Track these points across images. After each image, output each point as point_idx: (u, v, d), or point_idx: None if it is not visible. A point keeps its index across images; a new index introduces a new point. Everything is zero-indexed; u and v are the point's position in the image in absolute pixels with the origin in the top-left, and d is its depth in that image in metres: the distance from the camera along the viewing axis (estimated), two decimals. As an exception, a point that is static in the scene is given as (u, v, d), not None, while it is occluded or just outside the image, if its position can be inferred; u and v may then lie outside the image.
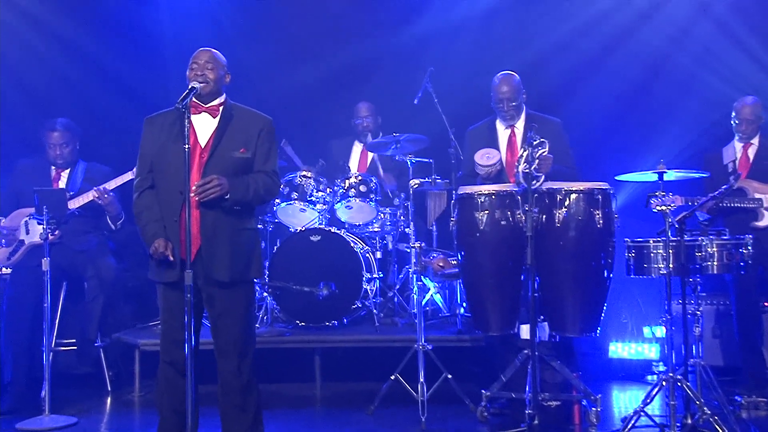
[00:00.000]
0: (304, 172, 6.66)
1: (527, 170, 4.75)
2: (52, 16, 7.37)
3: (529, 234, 4.71)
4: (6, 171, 6.53)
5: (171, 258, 4.26)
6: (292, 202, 6.63)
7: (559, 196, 4.97)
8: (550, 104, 6.71)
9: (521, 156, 4.80)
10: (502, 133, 5.91)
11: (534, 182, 4.78)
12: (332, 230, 6.49)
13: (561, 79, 7.42)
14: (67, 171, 6.33)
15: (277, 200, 6.62)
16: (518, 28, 7.57)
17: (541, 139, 4.78)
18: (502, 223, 5.03)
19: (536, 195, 4.86)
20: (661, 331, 6.41)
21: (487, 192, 5.10)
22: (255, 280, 4.53)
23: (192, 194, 4.18)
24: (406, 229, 6.57)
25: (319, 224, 6.64)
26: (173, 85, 6.66)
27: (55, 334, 6.13)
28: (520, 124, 5.86)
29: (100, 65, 7.48)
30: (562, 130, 5.85)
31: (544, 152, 4.80)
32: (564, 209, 4.96)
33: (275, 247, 6.53)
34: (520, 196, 4.99)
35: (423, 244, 5.72)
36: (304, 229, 6.53)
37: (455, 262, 5.75)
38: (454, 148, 6.78)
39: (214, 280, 4.31)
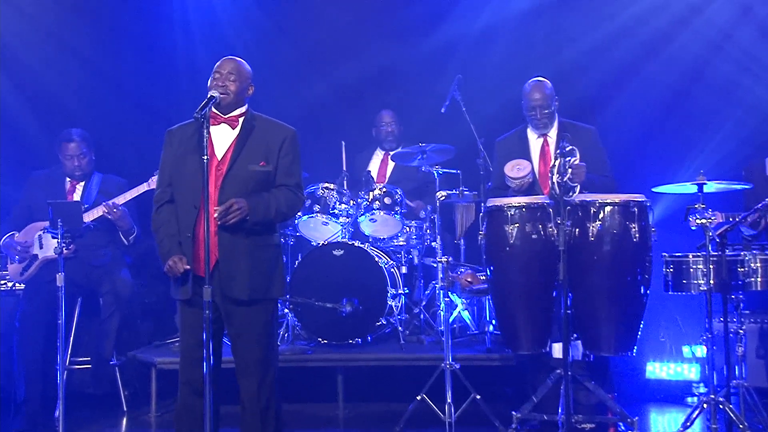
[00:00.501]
0: (326, 184, 6.68)
1: (560, 181, 4.73)
2: (67, 29, 7.46)
3: (561, 248, 4.69)
4: (19, 183, 6.60)
5: (182, 270, 4.26)
6: (314, 215, 6.64)
7: (592, 209, 4.95)
8: (585, 112, 6.70)
9: (553, 166, 4.79)
10: (534, 142, 5.89)
11: (569, 193, 4.76)
12: (356, 244, 6.49)
13: (595, 86, 7.40)
14: (82, 183, 6.39)
15: (298, 213, 6.64)
16: (550, 33, 7.57)
17: (571, 147, 4.76)
18: (533, 236, 5.01)
19: (569, 207, 4.85)
20: (701, 351, 6.35)
21: (517, 204, 5.09)
22: (277, 298, 4.52)
23: (215, 216, 4.19)
24: (433, 243, 6.58)
25: (342, 238, 6.64)
26: (188, 97, 6.74)
27: (69, 352, 6.18)
28: (552, 133, 5.85)
29: (113, 77, 7.57)
30: (597, 138, 5.83)
31: (575, 160, 4.78)
32: (598, 222, 4.93)
33: (296, 262, 6.54)
34: (552, 209, 4.98)
35: (450, 259, 5.69)
36: (326, 242, 6.55)
37: (484, 277, 5.73)
38: (483, 158, 6.77)
39: (231, 298, 4.32)
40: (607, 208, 4.95)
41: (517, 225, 5.04)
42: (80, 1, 7.49)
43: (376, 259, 6.44)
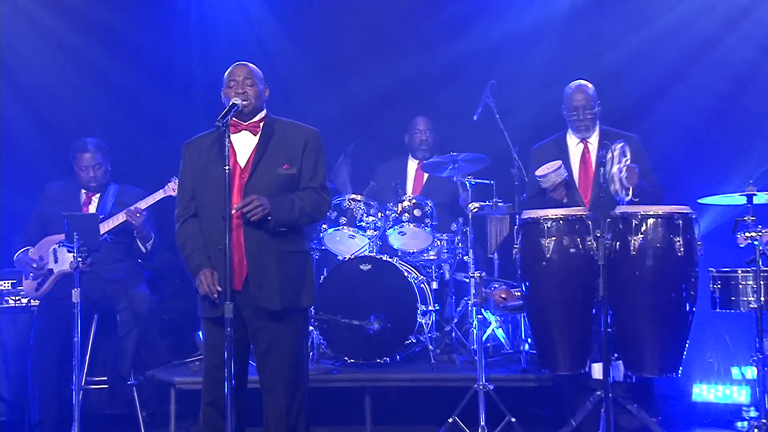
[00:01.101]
0: (353, 195, 6.70)
1: (617, 187, 4.75)
2: (79, 40, 7.55)
3: (601, 263, 4.70)
4: (34, 196, 6.67)
5: (217, 291, 4.25)
6: (340, 228, 6.66)
7: (634, 221, 4.91)
8: (627, 119, 6.67)
9: (611, 173, 4.79)
10: (574, 148, 5.90)
11: (626, 195, 4.74)
12: (384, 258, 6.50)
13: (638, 92, 7.37)
14: (98, 195, 6.43)
15: (323, 225, 6.67)
16: (589, 37, 7.54)
17: (622, 143, 4.76)
18: (571, 250, 4.99)
19: (609, 220, 4.85)
20: (751, 372, 6.25)
21: (554, 216, 5.07)
22: (307, 308, 4.54)
23: (234, 214, 4.21)
24: (465, 257, 6.57)
25: (370, 252, 6.66)
26: (204, 104, 6.80)
27: (85, 371, 6.19)
28: (594, 139, 5.85)
29: (126, 88, 7.66)
30: (641, 146, 5.81)
31: (627, 160, 4.79)
32: (640, 235, 4.89)
33: (322, 277, 6.54)
34: (591, 221, 4.97)
35: (483, 274, 5.70)
36: (353, 257, 6.56)
37: (519, 293, 5.69)
38: (518, 168, 6.76)
39: (263, 310, 4.33)
40: (650, 221, 4.91)
41: (554, 238, 5.02)
42: (93, 13, 7.58)
43: (406, 274, 6.44)
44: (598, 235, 4.79)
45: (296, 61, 7.89)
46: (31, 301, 6.39)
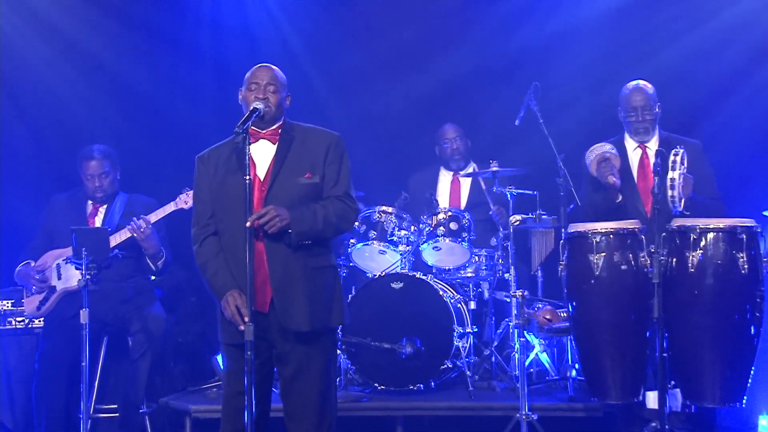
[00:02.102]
0: (383, 208, 6.70)
1: (674, 195, 4.75)
2: (85, 44, 7.64)
3: (655, 281, 4.68)
4: (39, 208, 6.73)
5: (245, 316, 4.19)
6: (369, 243, 6.66)
7: (692, 235, 4.89)
8: (684, 124, 6.64)
9: (667, 182, 4.78)
10: (632, 153, 5.91)
11: (679, 206, 4.79)
12: (417, 276, 6.48)
13: (698, 95, 7.32)
14: (105, 206, 6.47)
15: (351, 240, 6.67)
16: (643, 35, 7.49)
17: (681, 149, 4.75)
18: (623, 267, 4.99)
19: (664, 234, 4.82)
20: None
21: (603, 230, 5.06)
22: (337, 328, 4.56)
23: (249, 224, 4.20)
24: (506, 275, 6.56)
25: (402, 268, 6.65)
26: (216, 114, 6.84)
27: (94, 398, 6.23)
28: (653, 143, 5.85)
29: (137, 93, 7.75)
30: (702, 154, 5.80)
31: (684, 169, 4.79)
32: (699, 251, 4.87)
33: (350, 296, 6.53)
34: (645, 236, 4.95)
35: (526, 293, 5.69)
36: (383, 274, 6.55)
37: (565, 314, 5.70)
38: (563, 177, 6.69)
39: (290, 332, 4.34)
40: (710, 235, 4.89)
41: (604, 254, 5.02)
42: (102, 16, 7.66)
43: (441, 292, 6.43)
44: (653, 250, 4.76)
45: (320, 65, 7.93)
46: (34, 321, 6.42)
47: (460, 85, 7.94)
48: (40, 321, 6.39)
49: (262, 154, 4.45)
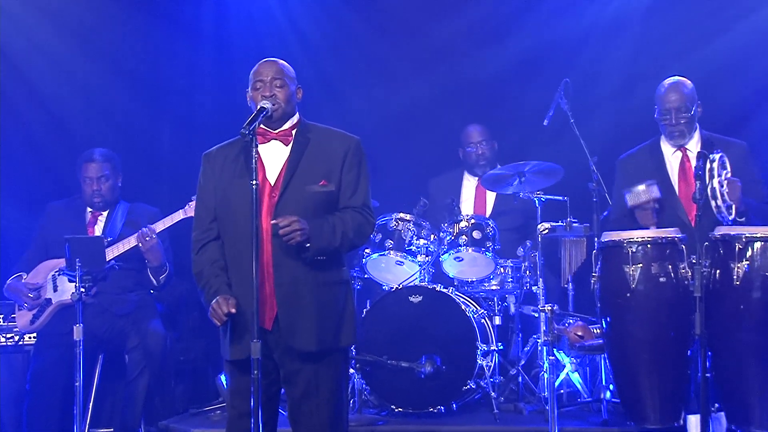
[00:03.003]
0: (401, 215, 6.69)
1: (719, 203, 4.73)
2: (87, 43, 7.69)
3: (697, 295, 4.65)
4: (35, 216, 6.75)
5: (230, 312, 4.21)
6: (386, 253, 6.66)
7: (738, 245, 4.88)
8: (729, 124, 6.61)
9: (710, 188, 4.78)
10: (671, 157, 5.88)
11: (729, 214, 4.78)
12: (437, 288, 6.47)
13: (743, 92, 7.30)
14: (106, 213, 6.50)
15: (366, 250, 6.67)
16: (684, 27, 7.47)
17: (720, 153, 4.73)
18: (661, 279, 4.99)
19: (707, 243, 4.80)
20: None
21: (640, 239, 5.04)
22: (348, 347, 4.53)
23: (264, 238, 4.19)
24: (534, 288, 6.55)
25: (421, 281, 6.64)
26: (229, 116, 6.85)
27: (88, 421, 6.22)
28: (693, 145, 5.83)
29: (149, 92, 7.81)
30: (748, 155, 5.78)
31: (728, 173, 4.76)
32: (745, 262, 4.86)
33: (364, 310, 6.53)
34: (686, 245, 4.93)
35: (556, 307, 5.66)
36: (401, 287, 6.54)
37: (598, 331, 5.68)
38: (596, 182, 6.69)
39: (296, 352, 4.31)
40: (757, 245, 4.88)
41: (641, 265, 5.02)
42: (105, 17, 7.72)
43: (463, 307, 6.41)
44: (694, 261, 4.73)
45: (333, 61, 7.95)
46: (26, 337, 6.43)
47: (486, 82, 7.95)
48: (31, 337, 6.40)
49: (274, 156, 4.41)
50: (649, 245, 5.02)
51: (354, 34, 8.10)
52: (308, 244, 4.24)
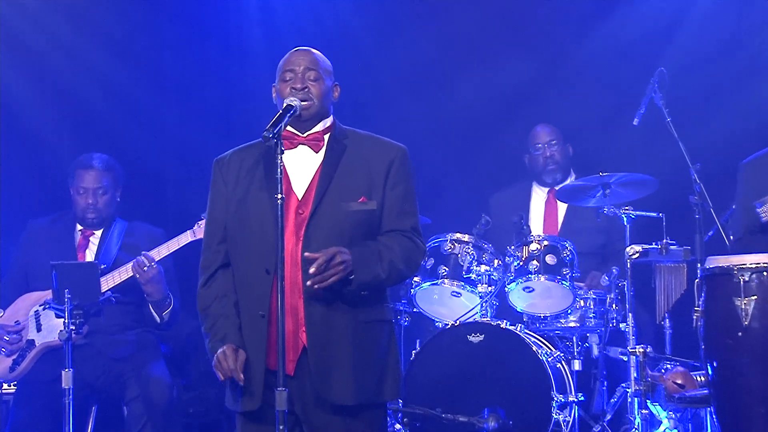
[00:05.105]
0: (457, 236, 6.67)
1: None
2: (87, 44, 7.87)
3: (827, 335, 4.56)
4: (13, 236, 6.78)
5: (239, 377, 4.22)
6: (439, 282, 6.66)
7: None
8: None
9: None
10: None
11: None
12: (503, 326, 6.45)
13: None
14: (99, 233, 6.50)
15: (416, 279, 6.65)
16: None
17: None
18: (782, 315, 4.89)
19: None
20: None
21: (754, 265, 4.96)
22: (387, 402, 4.52)
23: (310, 283, 4.15)
24: (621, 325, 6.53)
25: (483, 316, 6.63)
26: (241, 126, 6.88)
27: (80, 486, 6.28)
28: None
29: (145, 104, 7.94)
30: None
31: None
32: None
33: (413, 352, 6.55)
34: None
35: (649, 349, 5.65)
36: (458, 323, 6.52)
37: (703, 378, 5.60)
38: (699, 194, 6.63)
39: (329, 404, 4.28)
40: None
41: (755, 297, 4.93)
42: (106, 16, 7.95)
43: (534, 348, 6.38)
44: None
45: (382, 60, 7.99)
46: (4, 386, 6.44)
47: (556, 79, 8.02)
48: (11, 386, 6.41)
49: (302, 165, 4.38)
50: (765, 273, 4.93)
51: (407, 27, 8.21)
52: (351, 276, 4.18)
